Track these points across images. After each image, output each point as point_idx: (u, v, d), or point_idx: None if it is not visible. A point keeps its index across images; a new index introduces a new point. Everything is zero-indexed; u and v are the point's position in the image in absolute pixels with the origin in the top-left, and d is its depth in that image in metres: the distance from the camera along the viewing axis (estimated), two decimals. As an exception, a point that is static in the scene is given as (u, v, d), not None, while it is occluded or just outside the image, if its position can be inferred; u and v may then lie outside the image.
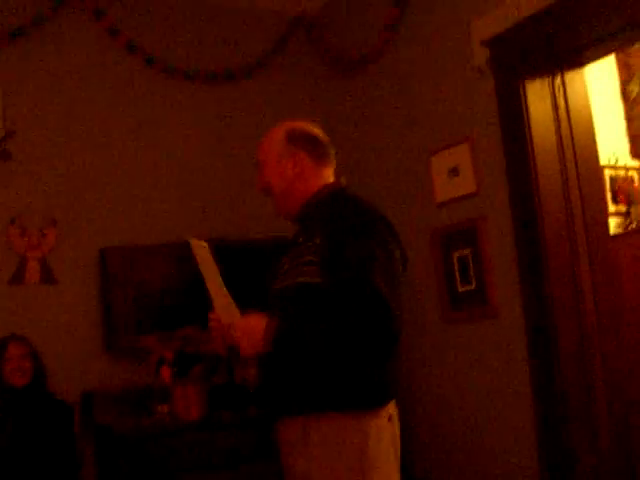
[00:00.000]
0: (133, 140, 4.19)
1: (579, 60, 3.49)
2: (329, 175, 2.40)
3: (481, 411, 3.61)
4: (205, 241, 2.18)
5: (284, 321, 2.12)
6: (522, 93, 3.36)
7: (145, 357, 3.64)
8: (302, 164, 2.35)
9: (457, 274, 3.71)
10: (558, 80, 3.44)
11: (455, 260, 3.72)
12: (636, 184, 4.92)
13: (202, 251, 2.17)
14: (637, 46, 4.98)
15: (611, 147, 4.70)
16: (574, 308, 3.31)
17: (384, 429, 2.18)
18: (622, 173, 4.91)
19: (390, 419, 2.21)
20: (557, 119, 3.40)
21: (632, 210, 4.78)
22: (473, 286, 3.63)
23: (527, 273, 3.37)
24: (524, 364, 3.35)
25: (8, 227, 3.90)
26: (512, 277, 3.43)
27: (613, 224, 4.37)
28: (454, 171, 3.73)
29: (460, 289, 3.70)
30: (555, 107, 3.41)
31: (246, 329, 2.13)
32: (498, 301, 3.52)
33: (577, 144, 3.44)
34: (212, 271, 2.17)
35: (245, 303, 2.19)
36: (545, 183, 3.35)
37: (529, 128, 3.34)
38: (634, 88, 4.99)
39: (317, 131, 2.42)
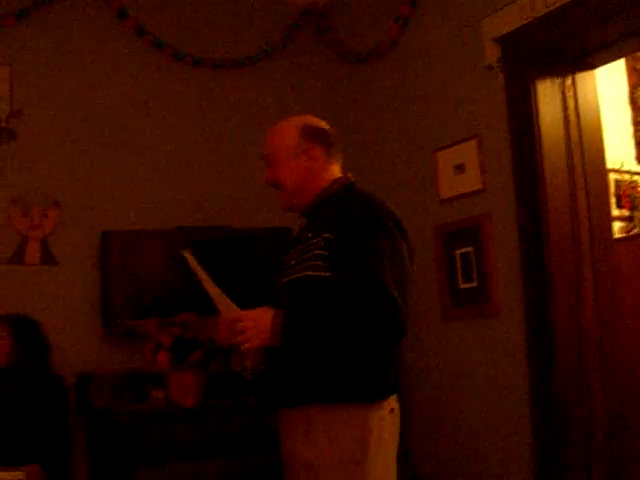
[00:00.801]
0: (138, 124, 4.17)
1: (590, 62, 3.48)
2: (338, 170, 2.43)
3: (478, 408, 3.60)
4: (187, 248, 2.26)
5: (291, 314, 2.15)
6: (532, 92, 3.35)
7: (143, 342, 3.63)
8: (316, 159, 2.38)
9: (459, 271, 3.70)
10: (569, 81, 3.43)
11: (458, 257, 3.71)
12: (640, 189, 4.92)
13: (193, 261, 2.23)
14: (647, 52, 4.99)
15: (617, 151, 4.70)
16: (575, 310, 3.31)
17: (386, 421, 2.21)
18: (627, 178, 4.92)
19: (392, 412, 2.25)
20: (566, 120, 3.39)
21: (635, 215, 4.79)
22: (475, 284, 3.62)
23: (530, 273, 3.36)
24: (523, 363, 3.35)
25: (10, 207, 3.89)
26: (514, 276, 3.42)
27: (616, 228, 4.37)
28: (460, 168, 3.72)
29: (462, 286, 3.69)
30: (565, 108, 3.40)
31: (253, 322, 2.14)
32: (499, 299, 3.51)
33: (585, 146, 3.44)
34: (205, 277, 2.22)
35: (245, 293, 2.23)
36: (551, 183, 3.34)
37: (538, 127, 3.32)
38: (643, 94, 4.99)
39: (326, 125, 2.45)
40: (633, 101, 5.09)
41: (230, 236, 4.08)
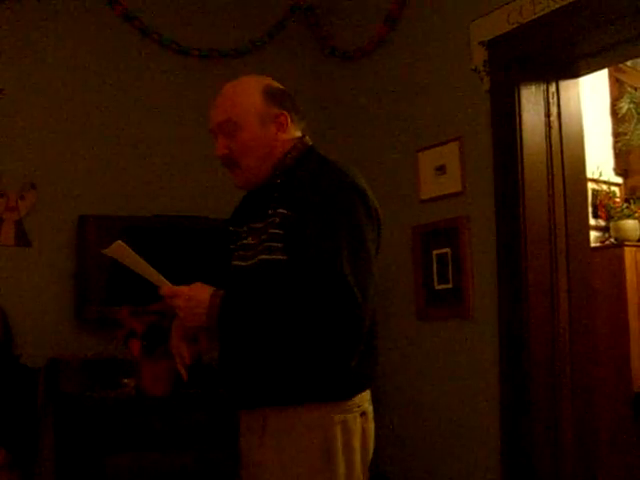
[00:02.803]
0: (120, 109, 4.13)
1: (575, 70, 3.51)
2: (299, 133, 2.18)
3: (449, 409, 3.61)
4: (121, 240, 2.11)
5: (232, 296, 1.95)
6: (516, 97, 3.36)
7: (115, 329, 3.60)
8: (285, 126, 2.12)
9: (435, 272, 3.72)
10: (553, 87, 3.45)
11: (434, 258, 3.72)
12: (617, 200, 4.97)
13: (121, 251, 2.09)
14: (631, 65, 5.05)
15: (596, 161, 4.75)
16: (548, 315, 3.33)
17: (354, 424, 2.01)
18: (604, 188, 4.97)
19: (364, 415, 2.06)
20: (548, 126, 3.42)
21: (611, 225, 4.84)
22: (450, 285, 3.63)
23: (505, 276, 3.38)
24: (495, 366, 3.36)
25: (-14, 187, 3.84)
26: (490, 279, 3.43)
27: (591, 238, 4.39)
28: (441, 169, 3.73)
29: (437, 287, 3.70)
30: (548, 114, 3.43)
31: (187, 300, 1.98)
32: (474, 302, 3.52)
33: (566, 153, 3.46)
34: (139, 262, 2.10)
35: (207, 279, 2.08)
36: (531, 189, 3.36)
37: (520, 132, 3.34)
38: (624, 105, 5.05)
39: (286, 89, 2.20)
40: (614, 112, 5.14)
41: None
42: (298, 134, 2.17)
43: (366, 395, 2.10)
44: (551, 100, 3.44)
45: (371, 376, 2.10)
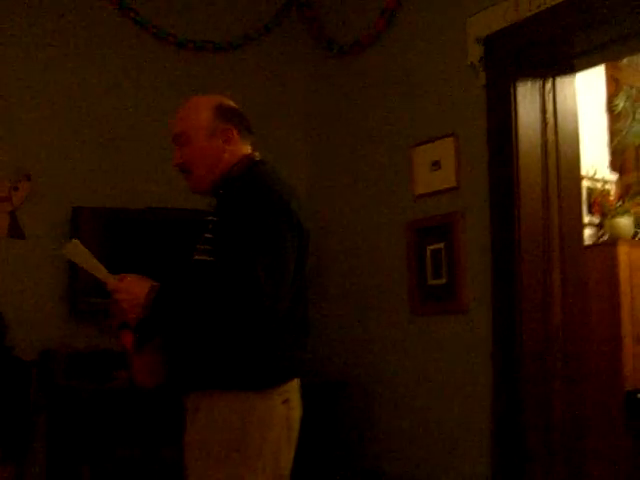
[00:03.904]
0: (115, 101, 4.13)
1: (571, 67, 3.51)
2: (247, 149, 2.41)
3: (443, 404, 3.61)
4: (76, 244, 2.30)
5: (164, 290, 2.16)
6: (512, 93, 3.36)
7: (108, 320, 3.59)
8: (230, 141, 2.35)
9: (429, 267, 3.72)
10: (549, 84, 3.45)
11: (428, 253, 3.72)
12: (612, 198, 4.97)
13: (73, 249, 2.30)
14: (627, 62, 5.05)
15: (591, 158, 4.74)
16: (542, 312, 3.33)
17: (275, 412, 2.19)
18: (599, 186, 4.97)
19: (286, 402, 2.23)
20: (544, 122, 3.41)
21: (605, 223, 4.84)
22: (444, 280, 3.63)
23: (499, 272, 3.38)
24: (488, 361, 3.36)
25: (-21, 178, 3.83)
26: (484, 275, 3.43)
27: (586, 235, 4.40)
28: (436, 164, 3.73)
29: (430, 282, 3.70)
30: (543, 110, 3.42)
31: (126, 294, 2.19)
32: (467, 297, 3.52)
33: (561, 149, 3.46)
34: (90, 260, 2.28)
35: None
36: (526, 185, 3.35)
37: (516, 128, 3.34)
38: (619, 103, 5.04)
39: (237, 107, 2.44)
40: (610, 110, 5.14)
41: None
42: (247, 150, 2.40)
43: (290, 384, 2.27)
44: (547, 97, 3.43)
45: (297, 367, 2.29)
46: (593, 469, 3.65)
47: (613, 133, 5.11)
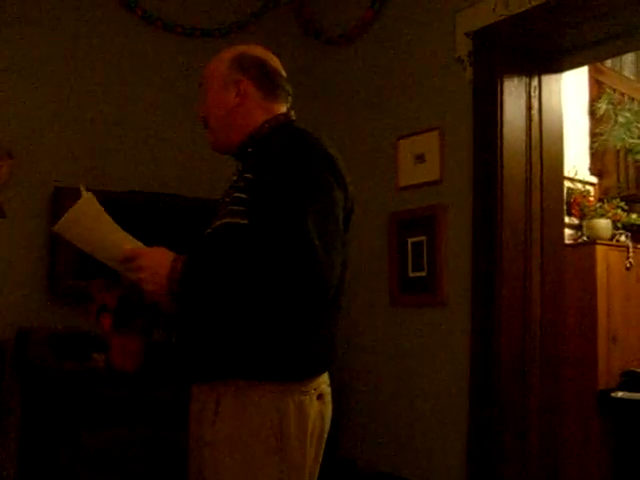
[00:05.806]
0: (101, 83, 4.10)
1: (558, 65, 3.55)
2: (279, 108, 2.16)
3: (420, 396, 3.63)
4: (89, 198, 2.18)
5: (194, 262, 1.88)
6: (499, 88, 3.38)
7: (87, 302, 3.57)
8: (246, 93, 2.12)
9: (410, 259, 3.73)
10: (535, 81, 3.49)
11: (409, 245, 3.74)
12: (591, 199, 5.02)
13: (87, 205, 2.16)
14: (610, 65, 5.10)
15: (572, 160, 4.78)
16: (521, 305, 3.37)
17: (310, 407, 1.96)
18: (579, 187, 5.02)
19: (320, 397, 2.01)
20: (529, 119, 3.45)
21: (584, 224, 4.89)
22: (424, 273, 3.65)
23: (479, 266, 3.40)
24: (467, 354, 3.39)
25: (-39, 155, 3.79)
26: (465, 269, 3.45)
27: (565, 235, 4.44)
28: (420, 157, 3.74)
29: (411, 274, 3.72)
30: (529, 107, 3.45)
31: (149, 262, 1.93)
32: (447, 290, 3.54)
33: (545, 147, 3.50)
34: (102, 219, 2.14)
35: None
36: (509, 180, 3.38)
37: (501, 124, 3.36)
38: (602, 106, 5.09)
39: (274, 63, 2.21)
40: (592, 112, 5.19)
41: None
42: (280, 109, 2.17)
43: (324, 377, 2.05)
44: (533, 94, 3.47)
45: (330, 359, 2.03)
46: (568, 469, 3.69)
47: (594, 136, 5.16)
